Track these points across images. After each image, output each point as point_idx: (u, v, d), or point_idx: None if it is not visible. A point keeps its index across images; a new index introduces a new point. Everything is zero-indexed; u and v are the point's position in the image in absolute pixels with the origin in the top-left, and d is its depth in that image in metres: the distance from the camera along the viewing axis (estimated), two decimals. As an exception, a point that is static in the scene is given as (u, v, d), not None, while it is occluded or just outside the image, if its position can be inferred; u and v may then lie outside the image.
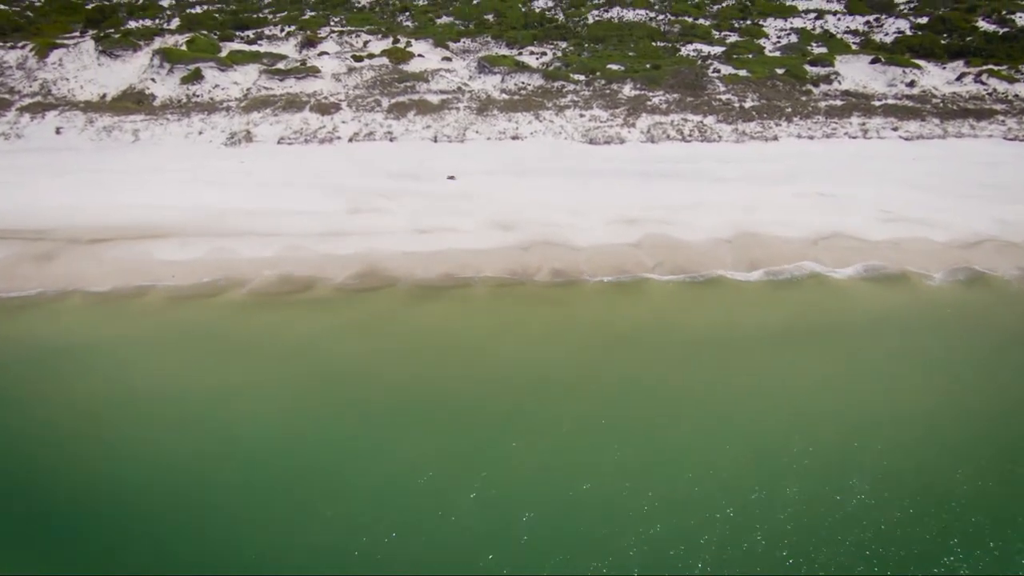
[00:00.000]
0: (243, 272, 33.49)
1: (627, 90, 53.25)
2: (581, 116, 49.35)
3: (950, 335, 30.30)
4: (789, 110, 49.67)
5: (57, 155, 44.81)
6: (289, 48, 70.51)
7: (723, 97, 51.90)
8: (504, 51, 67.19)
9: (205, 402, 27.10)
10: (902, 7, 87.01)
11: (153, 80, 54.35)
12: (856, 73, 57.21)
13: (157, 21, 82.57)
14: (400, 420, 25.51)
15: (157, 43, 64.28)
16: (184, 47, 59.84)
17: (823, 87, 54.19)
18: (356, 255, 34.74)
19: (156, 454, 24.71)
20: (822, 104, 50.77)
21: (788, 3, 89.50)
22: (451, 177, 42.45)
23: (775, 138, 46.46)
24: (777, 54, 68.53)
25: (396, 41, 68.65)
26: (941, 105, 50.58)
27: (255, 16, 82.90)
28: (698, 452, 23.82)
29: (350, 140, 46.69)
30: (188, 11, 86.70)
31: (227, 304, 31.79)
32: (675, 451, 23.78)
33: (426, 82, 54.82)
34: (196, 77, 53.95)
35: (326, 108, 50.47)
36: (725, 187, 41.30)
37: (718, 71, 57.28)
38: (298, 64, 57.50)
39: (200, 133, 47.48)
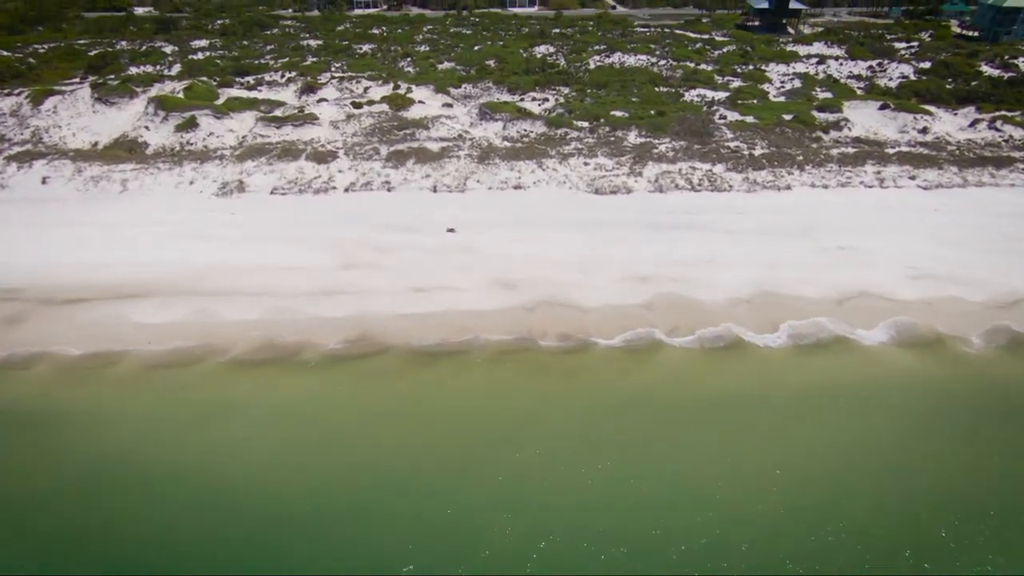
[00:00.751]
0: (225, 337, 31.01)
1: (632, 137, 51.85)
2: (586, 164, 47.74)
3: (996, 412, 27.60)
4: (800, 158, 48.06)
5: (40, 207, 42.98)
6: (289, 94, 69.91)
7: (731, 144, 50.40)
8: (506, 97, 66.42)
9: (175, 478, 24.42)
10: (903, 52, 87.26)
11: (147, 128, 53.12)
12: (866, 119, 55.95)
13: (158, 67, 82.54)
14: (393, 506, 22.70)
15: (155, 90, 63.57)
16: (181, 94, 58.99)
17: (833, 134, 52.80)
18: (348, 317, 32.32)
19: (122, 530, 22.28)
20: (834, 152, 49.21)
21: (789, 48, 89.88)
22: (451, 230, 40.43)
23: (788, 187, 44.67)
24: (782, 99, 67.73)
25: (396, 87, 68.03)
26: (957, 153, 49.00)
27: (257, 62, 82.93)
28: (718, 545, 21.08)
29: (346, 190, 44.94)
30: (190, 57, 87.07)
31: (204, 374, 29.20)
32: (689, 545, 20.97)
33: (426, 129, 53.54)
34: (191, 125, 52.72)
35: (323, 156, 48.96)
36: (739, 240, 39.16)
37: (724, 117, 56.08)
38: (296, 111, 56.42)
39: (191, 183, 45.79)
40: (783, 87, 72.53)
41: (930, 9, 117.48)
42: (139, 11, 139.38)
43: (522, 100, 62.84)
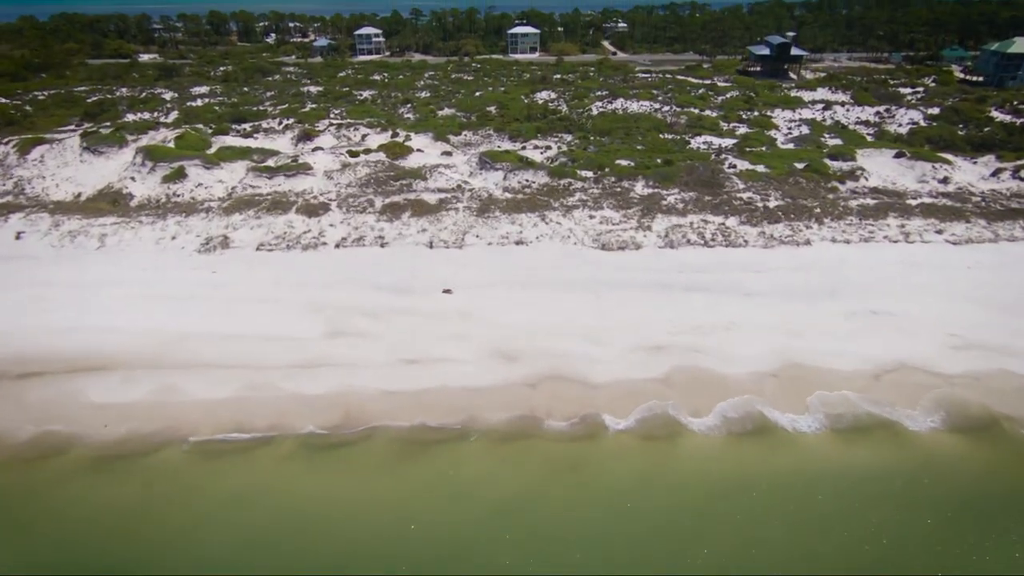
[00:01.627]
0: (189, 420, 27.60)
1: (639, 188, 49.51)
2: (591, 217, 45.20)
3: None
4: (818, 210, 45.50)
5: (10, 265, 40.28)
6: (285, 142, 68.40)
7: (743, 196, 47.96)
8: (507, 145, 64.71)
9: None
10: (909, 98, 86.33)
11: (133, 179, 51.01)
12: (881, 168, 53.74)
13: (156, 114, 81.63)
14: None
15: (147, 139, 61.98)
16: (172, 143, 57.24)
17: (850, 184, 50.42)
18: (329, 395, 28.97)
19: None
20: (853, 203, 46.69)
21: (793, 94, 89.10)
22: (447, 291, 37.48)
23: (807, 242, 41.92)
24: (791, 146, 65.92)
25: (395, 135, 66.47)
26: (983, 204, 46.45)
27: (255, 109, 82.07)
28: None
29: (337, 246, 42.27)
30: (189, 104, 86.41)
31: (162, 464, 25.70)
32: None
33: (424, 180, 51.33)
34: (179, 175, 50.62)
35: (314, 209, 46.55)
36: (760, 303, 36.07)
37: (734, 166, 53.90)
38: (289, 161, 54.44)
39: (173, 238, 43.21)
40: (791, 133, 70.97)
41: (931, 55, 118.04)
42: (144, 58, 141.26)
43: (523, 148, 61.00)
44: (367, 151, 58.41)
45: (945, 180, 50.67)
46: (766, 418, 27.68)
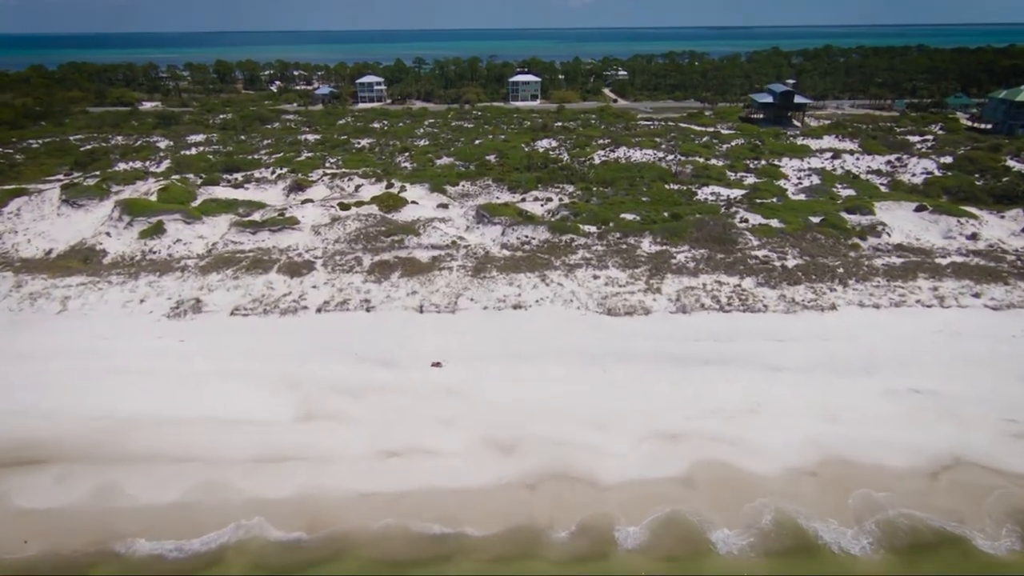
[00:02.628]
0: (126, 531, 23.41)
1: (646, 245, 46.32)
2: (595, 278, 41.80)
3: None
4: (841, 270, 42.08)
5: (-42, 332, 36.79)
6: (277, 192, 66.02)
7: (759, 253, 44.68)
8: (506, 196, 62.13)
9: None
10: (919, 146, 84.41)
11: (108, 234, 48.13)
12: (903, 222, 50.64)
13: (148, 163, 79.90)
14: None
15: (133, 189, 59.62)
16: (155, 195, 54.70)
17: (872, 240, 47.19)
18: (294, 499, 24.79)
19: None
20: (878, 262, 43.32)
21: (800, 142, 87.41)
22: (436, 363, 33.71)
23: (833, 307, 38.32)
24: (802, 197, 63.22)
25: (390, 185, 64.03)
26: (1021, 264, 42.98)
27: (250, 158, 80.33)
28: None
29: (319, 310, 38.77)
30: (183, 152, 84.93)
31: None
32: None
33: (416, 235, 48.29)
34: (157, 231, 47.73)
35: (297, 268, 43.30)
36: (786, 379, 32.15)
37: (746, 220, 50.88)
38: (275, 214, 51.64)
39: (141, 301, 39.83)
40: (801, 183, 68.46)
41: (935, 102, 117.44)
42: (146, 106, 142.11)
43: (523, 200, 58.33)
44: (359, 203, 55.72)
45: (974, 236, 47.40)
46: (805, 532, 23.34)
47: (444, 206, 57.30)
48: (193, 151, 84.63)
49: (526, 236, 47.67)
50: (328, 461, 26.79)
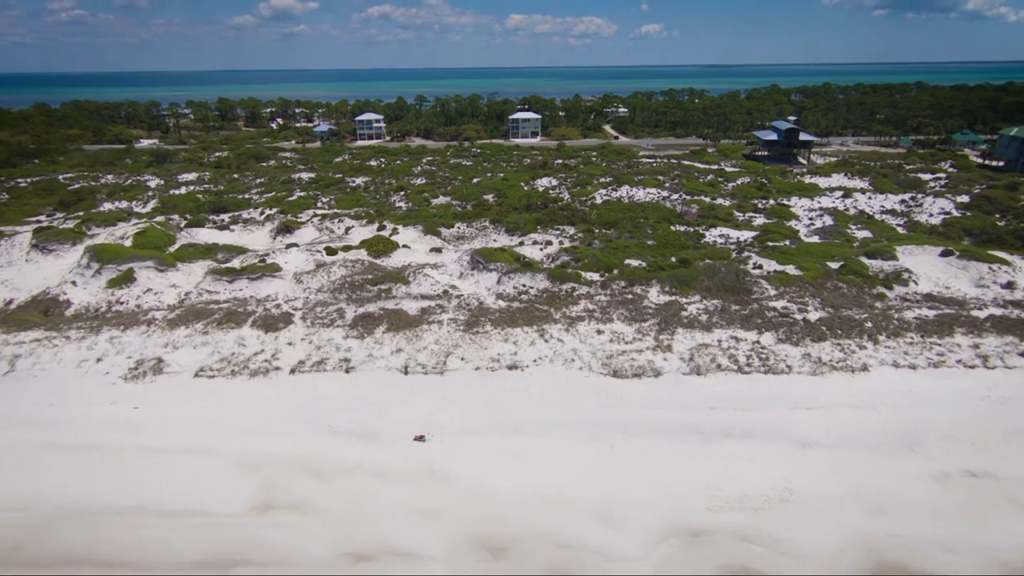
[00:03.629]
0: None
1: (654, 295, 42.73)
2: (599, 333, 38.05)
3: None
4: (869, 325, 38.31)
5: None
6: (263, 234, 63.06)
7: (777, 304, 41.00)
8: (503, 239, 58.98)
9: None
10: (932, 184, 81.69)
11: (74, 283, 44.75)
12: (929, 269, 47.08)
13: (135, 203, 77.46)
14: None
15: (107, 234, 56.63)
16: (131, 240, 51.59)
17: (899, 289, 43.53)
18: (238, 621, 20.53)
19: None
20: (908, 315, 39.56)
21: (808, 180, 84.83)
22: (419, 437, 29.68)
23: (864, 368, 34.45)
24: (815, 239, 59.94)
25: (382, 227, 60.98)
26: (1066, 317, 39.24)
27: (241, 197, 77.78)
28: None
29: (292, 371, 34.94)
30: (172, 192, 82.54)
31: None
32: None
33: (406, 283, 44.83)
34: (126, 280, 44.37)
35: (273, 322, 39.68)
36: (820, 457, 27.99)
37: (760, 266, 47.41)
38: (256, 261, 48.36)
39: (99, 360, 36.08)
40: (813, 224, 65.35)
41: (942, 139, 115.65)
42: (144, 143, 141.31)
43: (521, 244, 55.10)
44: (347, 248, 52.51)
45: (1010, 285, 43.73)
46: (866, 669, 18.89)
47: (437, 250, 54.07)
48: (183, 190, 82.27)
49: (523, 285, 44.15)
50: (283, 565, 22.53)
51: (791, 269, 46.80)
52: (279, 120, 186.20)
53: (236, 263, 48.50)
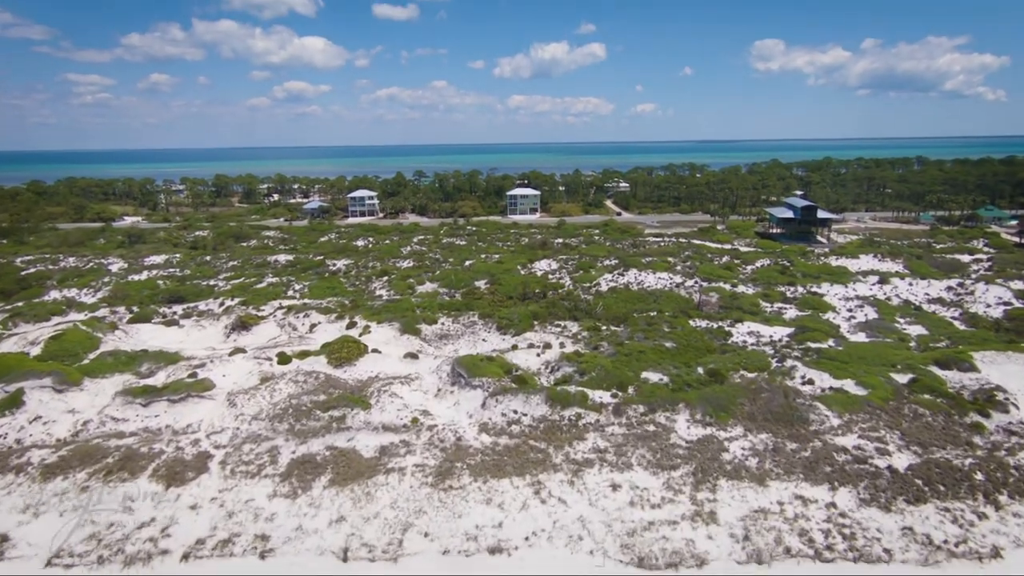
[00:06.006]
0: None
1: (683, 425, 33.11)
2: (614, 488, 28.17)
3: None
4: (979, 477, 28.46)
5: None
6: (216, 331, 54.25)
7: (846, 441, 31.25)
8: (494, 338, 50.01)
9: None
10: (974, 267, 73.65)
11: (-54, 409, 35.39)
12: (1018, 381, 37.61)
13: (85, 291, 69.57)
14: None
15: (18, 337, 47.92)
16: (40, 347, 42.76)
17: (998, 418, 33.77)
18: None
19: None
20: (1022, 457, 29.79)
21: (834, 263, 77.02)
22: None
23: (995, 554, 24.34)
24: (861, 336, 50.83)
25: (352, 324, 52.25)
26: None
27: (204, 284, 69.86)
28: None
29: (185, 556, 24.84)
30: (132, 277, 74.82)
31: None
32: None
33: (366, 408, 35.38)
34: (12, 404, 35.09)
35: (181, 471, 29.94)
36: None
37: (811, 381, 38.00)
38: (185, 376, 39.17)
39: (-75, 535, 26.02)
40: (853, 317, 56.48)
41: (968, 215, 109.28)
42: (128, 220, 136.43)
43: (514, 348, 46.03)
44: (303, 354, 43.52)
45: None
46: None
47: (413, 356, 44.99)
48: (145, 275, 74.63)
49: (515, 412, 34.61)
50: None
51: (850, 385, 37.35)
52: (276, 196, 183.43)
53: (161, 377, 39.36)
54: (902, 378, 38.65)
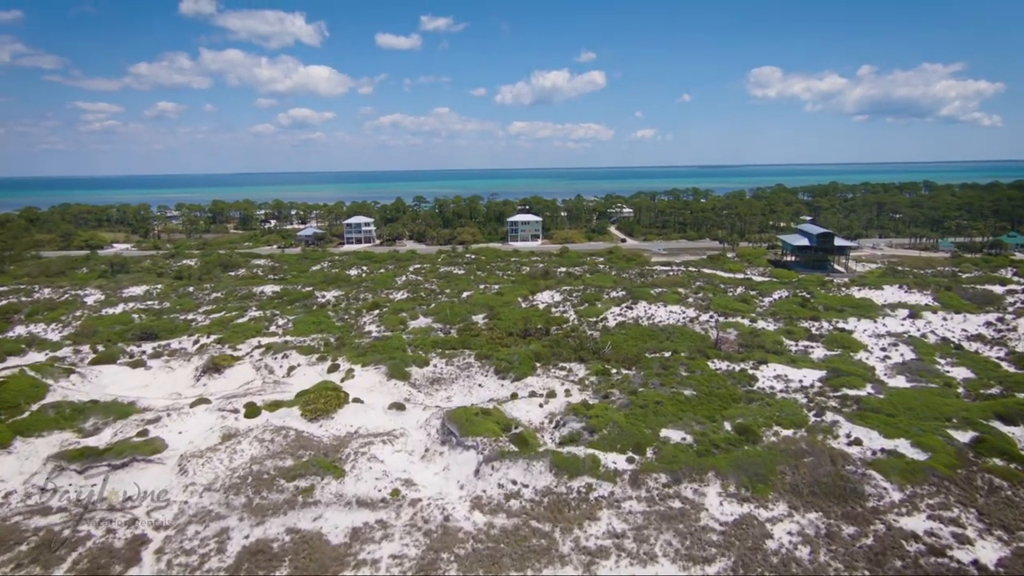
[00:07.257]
0: None
1: (714, 501, 27.74)
2: (636, 589, 22.78)
3: None
4: (1088, 575, 23.17)
5: None
6: (186, 373, 49.11)
7: (912, 524, 25.88)
8: (492, 382, 44.81)
9: None
10: (1008, 299, 68.57)
11: None
12: (1104, 444, 32.20)
13: (54, 325, 64.74)
14: None
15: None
16: (-24, 398, 37.64)
17: (1090, 491, 28.39)
18: None
19: None
20: None
21: (857, 294, 72.05)
22: None
23: None
24: (901, 380, 45.49)
25: (335, 367, 47.20)
26: None
27: (181, 319, 64.98)
28: None
29: None
30: (107, 311, 70.03)
31: None
32: None
33: (339, 477, 30.06)
34: (-77, 472, 29.84)
35: (105, 565, 24.56)
36: None
37: (858, 442, 32.61)
38: (134, 434, 33.96)
39: None
40: (888, 357, 51.17)
41: (991, 242, 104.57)
42: (117, 247, 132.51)
43: (514, 397, 40.80)
44: (275, 405, 38.35)
45: None
46: None
47: (399, 407, 39.75)
48: (120, 308, 69.80)
49: (514, 482, 29.27)
50: None
51: (905, 446, 31.99)
52: (273, 222, 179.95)
53: (107, 435, 34.19)
54: (962, 436, 33.30)
